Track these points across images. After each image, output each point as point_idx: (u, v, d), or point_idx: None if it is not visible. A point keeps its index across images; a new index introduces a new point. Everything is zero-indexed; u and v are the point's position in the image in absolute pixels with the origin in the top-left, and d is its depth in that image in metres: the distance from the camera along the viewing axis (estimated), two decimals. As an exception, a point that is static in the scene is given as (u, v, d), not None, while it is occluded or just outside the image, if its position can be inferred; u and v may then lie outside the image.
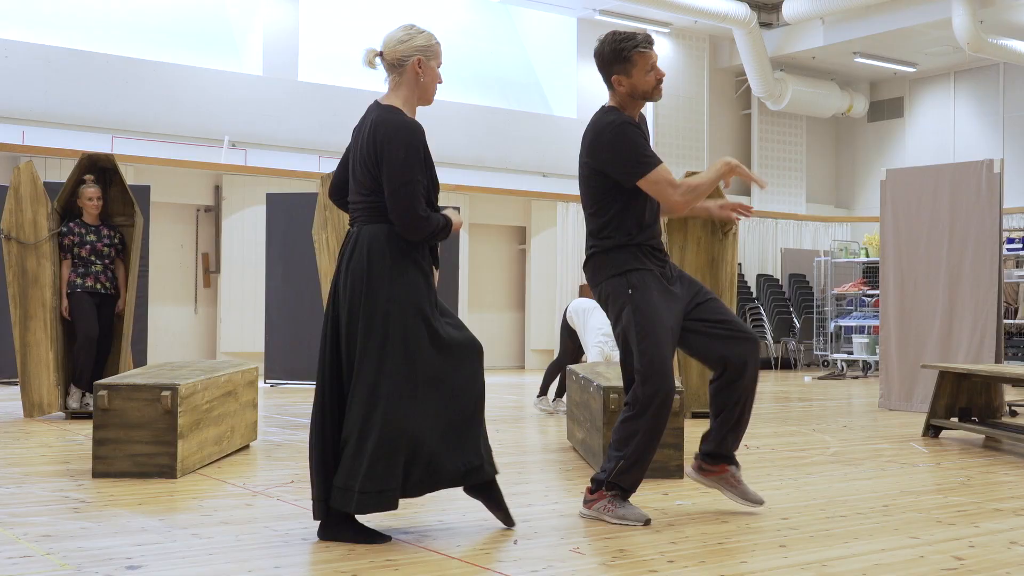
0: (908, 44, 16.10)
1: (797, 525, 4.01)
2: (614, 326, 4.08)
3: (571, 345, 8.33)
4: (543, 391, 8.45)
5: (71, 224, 7.66)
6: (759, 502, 4.21)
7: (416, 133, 3.78)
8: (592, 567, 3.35)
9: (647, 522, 3.95)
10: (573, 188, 15.85)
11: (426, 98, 3.99)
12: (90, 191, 7.68)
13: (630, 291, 3.99)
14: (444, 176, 14.64)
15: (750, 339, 4.09)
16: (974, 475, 5.40)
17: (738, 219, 4.51)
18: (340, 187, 3.97)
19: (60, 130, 12.27)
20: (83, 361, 7.54)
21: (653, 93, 4.09)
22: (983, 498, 4.70)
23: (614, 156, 4.01)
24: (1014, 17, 14.66)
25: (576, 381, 6.17)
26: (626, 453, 3.96)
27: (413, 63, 3.89)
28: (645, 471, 4.05)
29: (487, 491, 3.91)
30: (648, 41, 4.08)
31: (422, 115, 4.10)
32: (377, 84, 16.01)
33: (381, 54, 3.90)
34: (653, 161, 3.99)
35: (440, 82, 4.00)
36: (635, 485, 4.05)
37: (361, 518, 3.69)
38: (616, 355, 7.75)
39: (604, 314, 8.14)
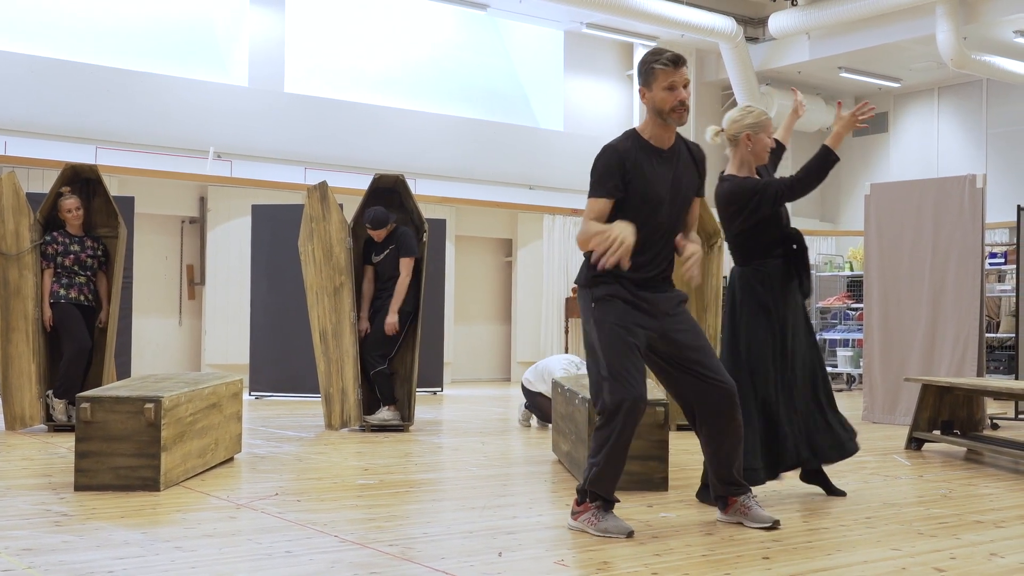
0: (893, 60, 16.21)
1: (780, 537, 4.02)
2: (585, 340, 4.18)
3: (543, 403, 8.17)
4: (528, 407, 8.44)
5: (55, 233, 7.64)
6: (765, 522, 4.18)
7: (732, 193, 4.74)
8: (576, 580, 3.36)
9: (630, 534, 3.95)
10: (559, 201, 15.89)
11: (759, 159, 4.81)
12: (68, 203, 7.65)
13: (592, 304, 4.05)
14: (431, 188, 14.78)
15: (724, 387, 4.14)
16: (956, 487, 5.43)
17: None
18: None
19: (43, 140, 12.23)
20: (73, 374, 7.49)
21: (668, 113, 4.00)
22: (964, 510, 4.72)
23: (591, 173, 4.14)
24: (997, 34, 14.78)
25: (561, 393, 6.18)
26: (598, 460, 4.01)
27: (743, 138, 4.75)
28: (617, 478, 4.06)
29: None
30: (672, 59, 4.01)
31: (412, 129, 4.23)
32: (363, 96, 15.86)
33: (722, 131, 4.79)
34: (597, 191, 4.02)
35: (769, 147, 4.79)
36: (610, 492, 4.06)
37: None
38: (580, 371, 7.77)
39: (559, 359, 8.24)
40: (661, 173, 4.08)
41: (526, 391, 8.23)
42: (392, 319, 7.82)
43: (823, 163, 4.69)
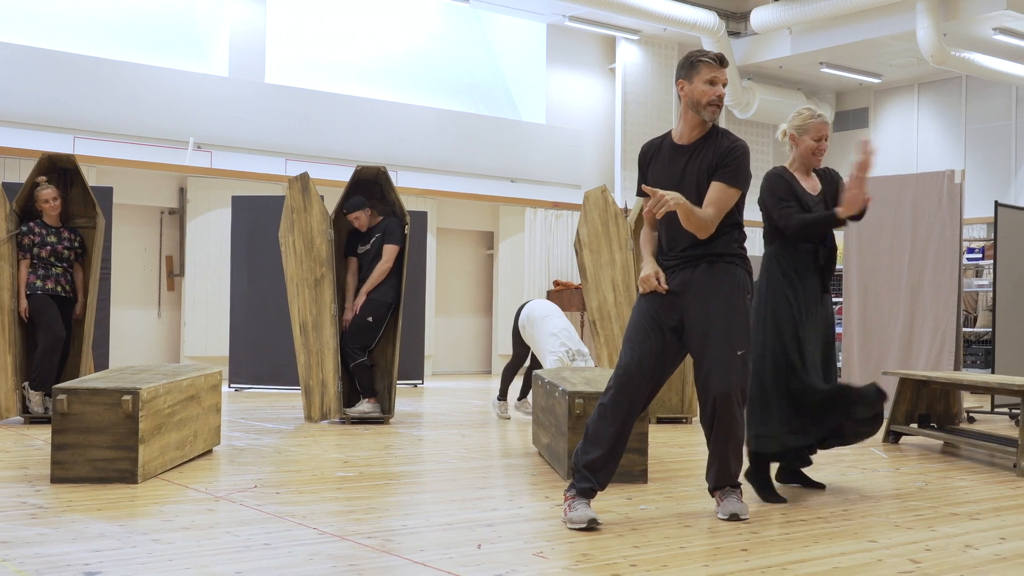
0: (873, 55, 16.28)
1: (758, 529, 4.04)
2: None
3: (522, 351, 8.32)
4: (503, 395, 8.41)
5: (31, 224, 7.58)
6: (725, 513, 4.22)
7: (766, 181, 5.06)
8: (555, 571, 3.36)
9: (590, 523, 3.96)
10: (541, 193, 15.89)
11: (805, 159, 5.04)
12: (45, 193, 7.58)
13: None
14: (413, 180, 14.75)
15: (708, 398, 4.18)
16: (932, 480, 5.47)
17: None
18: None
19: (20, 130, 12.13)
20: (49, 364, 7.44)
21: (705, 106, 4.21)
22: (940, 503, 4.76)
23: None
24: (977, 31, 14.86)
25: (542, 386, 6.18)
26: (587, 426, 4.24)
27: (791, 136, 5.06)
28: (595, 454, 4.09)
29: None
30: (717, 58, 4.26)
31: (394, 121, 4.21)
32: (344, 87, 15.74)
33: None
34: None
35: (817, 154, 5.03)
36: (586, 466, 4.10)
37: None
38: (576, 363, 7.74)
39: (559, 319, 8.20)
40: (671, 166, 4.26)
41: (516, 335, 8.26)
42: (360, 300, 7.84)
43: (827, 224, 4.91)
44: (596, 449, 4.10)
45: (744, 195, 4.23)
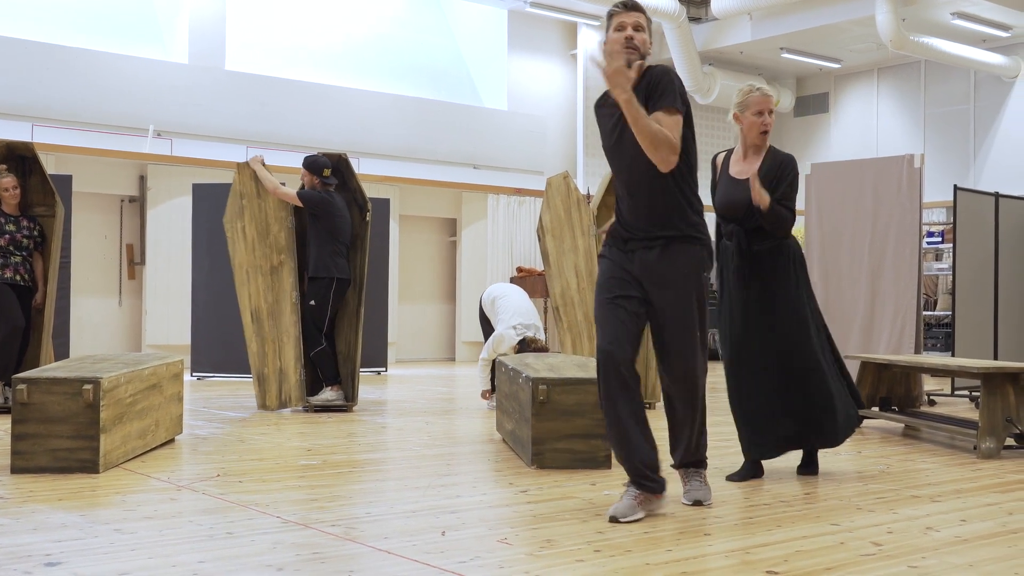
0: (833, 40, 16.38)
1: (721, 514, 4.07)
2: None
3: (491, 332, 8.28)
4: (493, 387, 8.33)
5: (-11, 213, 7.48)
6: (689, 500, 4.24)
7: (712, 163, 5.11)
8: (519, 557, 3.36)
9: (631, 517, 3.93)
10: (503, 180, 15.87)
11: (750, 136, 4.90)
12: (4, 181, 7.48)
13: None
14: (374, 167, 14.66)
15: (671, 378, 4.17)
16: (893, 463, 5.53)
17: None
18: None
19: (-23, 117, 11.95)
20: (8, 354, 7.34)
21: (616, 52, 4.00)
22: (901, 485, 4.81)
23: None
24: (935, 16, 14.99)
25: (505, 372, 6.18)
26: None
27: (734, 116, 4.94)
28: (620, 448, 4.03)
29: None
30: (624, 3, 4.13)
31: (356, 108, 4.16)
32: (305, 74, 15.60)
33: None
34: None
35: (761, 130, 4.86)
36: (626, 466, 4.05)
37: None
38: (528, 332, 7.72)
39: (516, 297, 8.17)
40: (607, 120, 4.19)
41: (483, 319, 8.23)
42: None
43: None
44: (635, 447, 4.00)
45: (692, 132, 4.09)
